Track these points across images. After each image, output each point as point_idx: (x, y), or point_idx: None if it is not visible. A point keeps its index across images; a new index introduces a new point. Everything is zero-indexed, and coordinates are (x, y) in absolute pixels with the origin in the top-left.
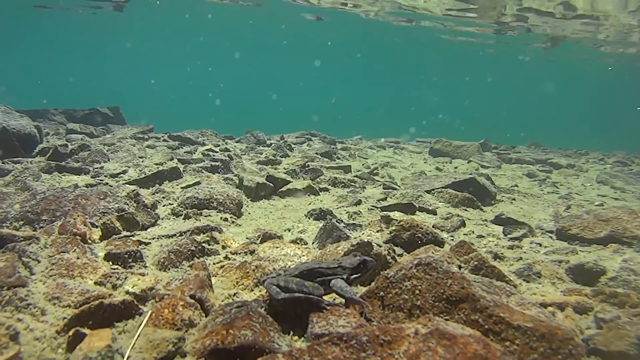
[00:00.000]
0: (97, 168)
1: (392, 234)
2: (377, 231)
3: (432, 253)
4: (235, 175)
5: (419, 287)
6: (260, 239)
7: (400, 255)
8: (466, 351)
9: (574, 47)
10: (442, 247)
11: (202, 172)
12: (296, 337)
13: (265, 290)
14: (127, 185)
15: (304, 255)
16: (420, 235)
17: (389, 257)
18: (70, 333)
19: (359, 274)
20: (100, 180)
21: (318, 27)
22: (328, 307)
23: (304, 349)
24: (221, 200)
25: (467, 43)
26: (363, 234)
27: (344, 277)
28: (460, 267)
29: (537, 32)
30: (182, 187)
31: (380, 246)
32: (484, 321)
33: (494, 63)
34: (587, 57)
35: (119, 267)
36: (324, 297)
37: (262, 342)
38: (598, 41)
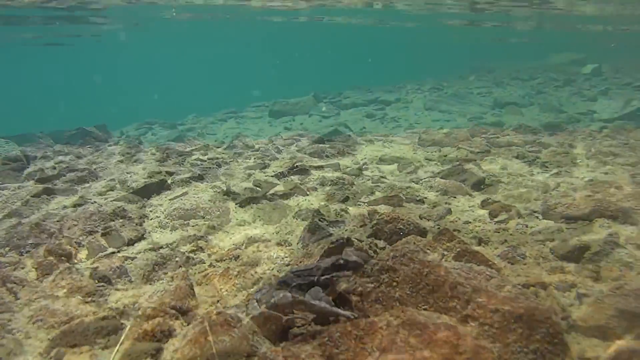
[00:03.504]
0: (85, 187)
1: (373, 228)
2: (361, 226)
3: (414, 244)
4: (223, 183)
5: (396, 278)
6: (245, 244)
7: (383, 248)
8: (437, 339)
9: None
10: (425, 237)
11: (190, 183)
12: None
13: (247, 295)
14: (115, 202)
15: (286, 257)
16: (401, 226)
17: (370, 251)
18: (52, 354)
19: (336, 273)
20: (88, 199)
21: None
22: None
23: (278, 350)
24: (208, 209)
25: None
26: (346, 230)
27: (315, 278)
28: (443, 255)
29: None
30: (169, 199)
31: (362, 241)
32: (462, 307)
33: None
34: None
35: (104, 284)
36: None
37: (239, 347)
38: None
